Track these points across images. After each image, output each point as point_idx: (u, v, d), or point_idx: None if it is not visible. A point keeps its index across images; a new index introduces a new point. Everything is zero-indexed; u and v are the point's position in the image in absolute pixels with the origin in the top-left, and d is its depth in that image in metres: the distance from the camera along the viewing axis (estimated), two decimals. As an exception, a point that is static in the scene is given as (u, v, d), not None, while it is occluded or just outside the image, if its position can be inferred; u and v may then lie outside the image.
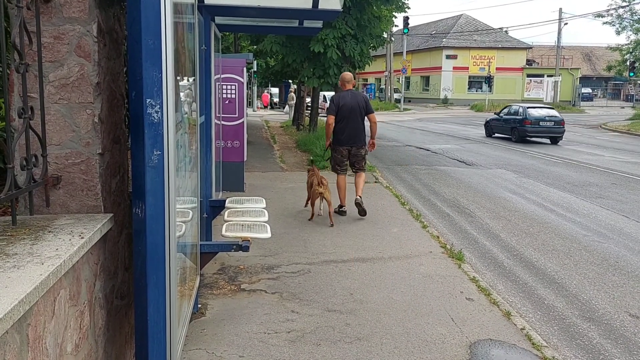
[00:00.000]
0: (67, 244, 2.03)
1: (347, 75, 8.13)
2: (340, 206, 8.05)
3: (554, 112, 20.52)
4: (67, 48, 2.38)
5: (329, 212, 7.51)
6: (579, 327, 4.71)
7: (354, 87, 8.22)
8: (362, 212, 7.75)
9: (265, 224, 4.26)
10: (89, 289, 2.34)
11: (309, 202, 7.76)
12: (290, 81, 29.39)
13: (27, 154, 2.17)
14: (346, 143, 7.85)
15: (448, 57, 50.57)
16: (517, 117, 20.53)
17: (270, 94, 46.42)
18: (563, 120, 20.21)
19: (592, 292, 5.47)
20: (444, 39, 51.12)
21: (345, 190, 8.01)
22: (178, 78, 2.74)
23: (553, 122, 19.83)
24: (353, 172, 8.04)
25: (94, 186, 2.46)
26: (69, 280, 2.07)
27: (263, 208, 4.75)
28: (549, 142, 20.01)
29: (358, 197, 7.75)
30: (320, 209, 7.84)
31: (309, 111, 19.95)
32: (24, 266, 1.79)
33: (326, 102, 32.58)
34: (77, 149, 2.44)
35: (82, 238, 2.12)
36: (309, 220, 7.60)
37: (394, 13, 15.07)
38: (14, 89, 2.28)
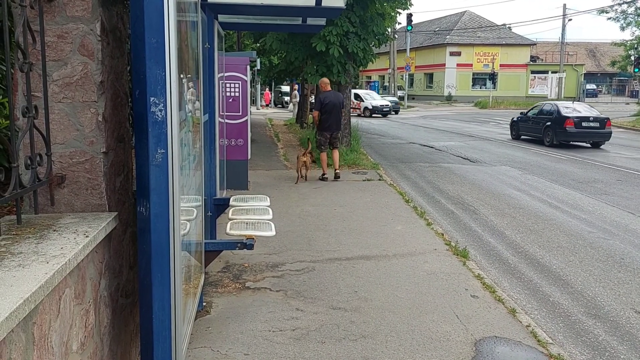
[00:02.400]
0: (72, 243, 2.04)
1: (327, 79, 11.36)
2: (323, 174, 10.69)
3: (595, 112, 17.59)
4: (71, 47, 2.38)
5: (305, 174, 10.45)
6: (585, 324, 4.70)
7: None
8: (338, 177, 10.68)
9: (270, 222, 4.26)
10: (94, 288, 2.34)
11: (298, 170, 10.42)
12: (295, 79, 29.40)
13: (31, 153, 2.17)
14: (328, 130, 10.75)
15: (452, 54, 50.40)
16: (552, 117, 17.57)
17: (281, 92, 45.35)
18: (608, 119, 17.12)
19: (597, 289, 5.45)
20: (447, 36, 50.96)
21: (326, 163, 10.75)
22: (181, 76, 2.74)
23: (598, 123, 16.85)
24: (330, 149, 10.88)
25: (98, 185, 2.47)
26: (74, 279, 2.08)
27: (267, 206, 4.75)
28: (590, 146, 17.27)
29: (337, 170, 10.74)
30: (302, 176, 10.37)
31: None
32: (29, 265, 1.79)
33: (358, 100, 33.00)
34: (81, 147, 2.44)
35: (86, 237, 2.12)
36: (295, 184, 10.11)
37: (397, 10, 15.01)
38: (18, 88, 2.28)
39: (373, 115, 33.04)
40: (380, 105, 33.74)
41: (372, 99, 34.92)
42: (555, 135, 17.31)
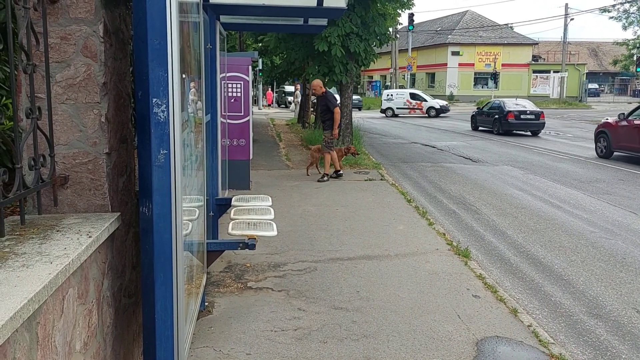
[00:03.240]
0: (75, 243, 2.05)
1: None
2: (337, 171, 10.91)
3: (533, 107, 21.79)
4: (74, 48, 2.39)
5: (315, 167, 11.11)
6: (586, 324, 4.70)
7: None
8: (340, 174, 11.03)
9: (272, 222, 4.27)
10: (97, 288, 2.36)
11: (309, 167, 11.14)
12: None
13: (35, 154, 2.18)
14: (339, 128, 11.22)
15: (453, 53, 50.37)
16: (499, 111, 21.73)
17: (284, 92, 45.23)
18: (542, 112, 21.40)
19: (599, 289, 5.45)
20: (449, 36, 50.93)
21: (337, 160, 10.87)
22: (184, 77, 2.75)
23: (534, 116, 21.17)
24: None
25: (101, 185, 2.48)
26: (77, 279, 2.09)
27: (269, 206, 4.77)
28: (530, 134, 21.39)
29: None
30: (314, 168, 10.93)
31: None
32: (33, 265, 1.81)
33: (418, 100, 33.46)
34: (84, 148, 2.45)
35: (90, 237, 2.13)
36: (307, 175, 10.98)
37: (398, 10, 15.00)
38: (21, 89, 2.29)
39: (439, 115, 33.85)
40: (441, 106, 34.77)
41: (432, 98, 35.69)
42: (500, 126, 21.30)
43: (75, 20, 2.38)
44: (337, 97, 11.66)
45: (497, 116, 21.61)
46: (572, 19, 48.36)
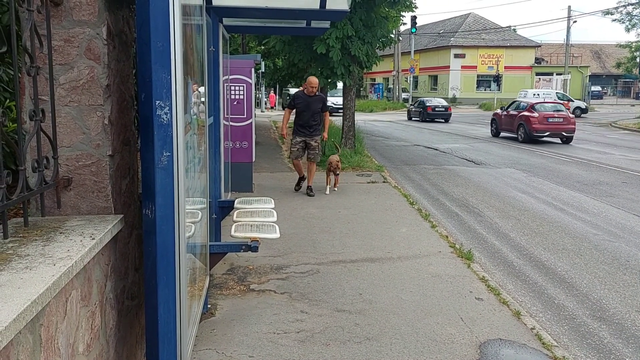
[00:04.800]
0: (79, 245, 2.05)
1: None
2: (308, 185, 9.57)
3: (443, 102, 32.71)
4: (77, 51, 2.40)
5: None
6: (590, 327, 4.69)
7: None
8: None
9: (274, 224, 4.27)
10: (100, 290, 2.36)
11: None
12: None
13: (38, 156, 2.19)
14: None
15: (456, 56, 50.38)
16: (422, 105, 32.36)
17: (289, 95, 45.40)
18: (450, 107, 32.46)
19: (602, 292, 5.44)
20: (452, 38, 50.93)
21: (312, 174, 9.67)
22: (187, 79, 2.76)
23: (444, 109, 31.64)
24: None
25: (105, 187, 2.48)
26: (81, 281, 2.09)
27: (272, 208, 4.77)
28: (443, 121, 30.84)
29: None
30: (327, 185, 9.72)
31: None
32: (36, 267, 1.81)
33: (565, 99, 34.67)
34: (87, 150, 2.46)
35: (93, 239, 2.14)
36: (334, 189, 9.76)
37: (401, 13, 15.01)
38: (25, 91, 2.30)
39: (582, 115, 34.83)
40: (586, 106, 36.43)
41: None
42: (423, 116, 31.52)
43: (79, 23, 2.38)
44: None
45: (421, 109, 32.01)
46: (575, 21, 48.37)
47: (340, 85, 14.55)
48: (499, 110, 22.46)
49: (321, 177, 9.92)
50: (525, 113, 19.69)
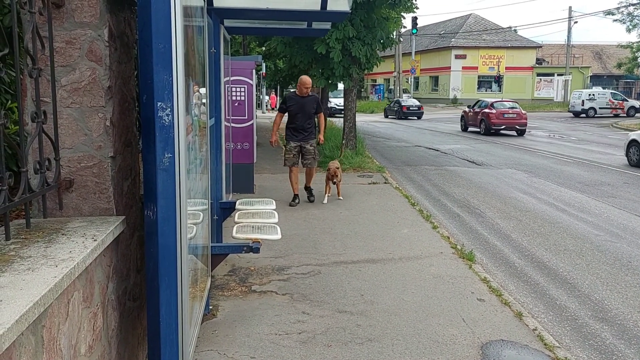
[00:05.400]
0: (80, 247, 2.05)
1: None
2: (295, 195, 8.93)
3: (416, 102, 36.98)
4: (79, 52, 2.40)
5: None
6: (592, 328, 4.68)
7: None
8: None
9: (276, 225, 4.27)
10: (102, 291, 2.36)
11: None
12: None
13: (40, 158, 2.19)
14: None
15: (457, 57, 50.36)
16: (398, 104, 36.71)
17: None
18: (422, 106, 36.73)
19: (604, 292, 5.43)
20: (452, 39, 50.91)
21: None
22: (188, 80, 2.76)
23: (417, 108, 35.82)
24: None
25: (106, 189, 2.49)
26: (82, 283, 2.10)
27: (273, 209, 4.77)
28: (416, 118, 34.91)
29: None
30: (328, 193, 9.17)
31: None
32: (38, 268, 1.81)
33: (618, 99, 35.36)
34: (89, 152, 2.46)
35: (94, 240, 2.14)
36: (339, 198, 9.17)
37: (402, 14, 15.01)
38: (27, 93, 2.30)
39: (636, 115, 35.20)
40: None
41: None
42: (399, 114, 35.52)
43: (80, 25, 2.39)
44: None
45: (396, 108, 36.34)
46: (576, 22, 48.38)
47: (341, 86, 14.54)
48: (466, 109, 25.87)
49: (321, 178, 9.88)
50: (486, 110, 23.20)
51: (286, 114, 8.67)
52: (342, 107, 16.25)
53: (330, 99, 30.57)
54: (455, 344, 4.10)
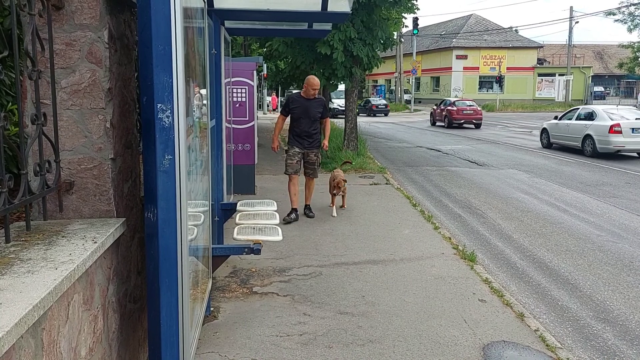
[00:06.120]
0: (81, 249, 2.05)
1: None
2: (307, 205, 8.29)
3: (383, 101, 42.50)
4: (79, 54, 2.40)
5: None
6: (594, 328, 4.67)
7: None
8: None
9: (277, 226, 4.27)
10: (102, 293, 2.35)
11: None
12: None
13: (40, 160, 2.19)
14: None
15: (458, 57, 50.32)
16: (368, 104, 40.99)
17: None
18: (388, 104, 41.84)
19: (606, 293, 5.42)
20: (453, 39, 50.89)
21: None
22: (189, 82, 2.76)
23: (384, 106, 40.55)
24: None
25: (107, 191, 2.48)
26: (83, 285, 2.09)
27: (274, 211, 4.76)
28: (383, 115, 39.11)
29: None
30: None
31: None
32: (38, 271, 1.81)
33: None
34: (89, 154, 2.46)
35: (95, 243, 2.13)
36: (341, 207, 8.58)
37: (403, 14, 15.02)
38: (27, 95, 2.30)
39: None
40: None
41: None
42: (369, 112, 39.04)
43: (80, 27, 2.39)
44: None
45: (367, 107, 39.64)
46: (577, 22, 48.38)
47: (342, 87, 14.54)
48: (434, 107, 30.57)
49: (322, 180, 9.88)
50: (449, 107, 28.03)
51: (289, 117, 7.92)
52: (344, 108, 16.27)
53: (332, 100, 30.77)
54: (456, 345, 4.09)
